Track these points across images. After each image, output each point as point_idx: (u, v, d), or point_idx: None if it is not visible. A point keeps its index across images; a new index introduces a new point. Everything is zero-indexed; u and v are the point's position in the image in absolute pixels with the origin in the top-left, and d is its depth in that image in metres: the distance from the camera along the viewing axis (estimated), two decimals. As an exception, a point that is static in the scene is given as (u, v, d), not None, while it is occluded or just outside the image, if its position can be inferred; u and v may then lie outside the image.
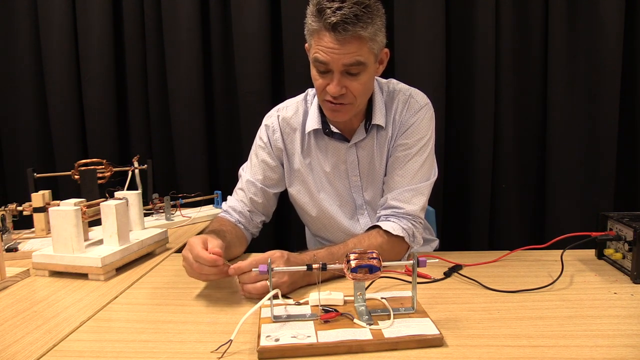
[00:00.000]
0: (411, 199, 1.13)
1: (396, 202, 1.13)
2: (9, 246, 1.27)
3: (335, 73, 1.03)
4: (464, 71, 1.87)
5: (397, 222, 1.10)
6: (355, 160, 1.21)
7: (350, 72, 1.03)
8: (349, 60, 1.01)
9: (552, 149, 1.84)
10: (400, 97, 1.19)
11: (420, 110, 1.18)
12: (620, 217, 1.00)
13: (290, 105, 1.27)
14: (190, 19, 1.93)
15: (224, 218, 1.22)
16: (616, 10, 1.72)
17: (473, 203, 1.91)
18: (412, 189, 1.14)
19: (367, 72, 1.06)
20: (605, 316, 0.79)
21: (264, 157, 1.25)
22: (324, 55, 1.02)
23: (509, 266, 1.05)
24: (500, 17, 1.80)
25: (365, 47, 1.01)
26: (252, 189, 1.24)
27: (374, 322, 0.75)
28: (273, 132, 1.25)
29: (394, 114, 1.19)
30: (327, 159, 1.22)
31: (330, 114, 1.13)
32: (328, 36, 1.00)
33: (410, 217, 1.12)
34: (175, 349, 0.72)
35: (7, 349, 0.73)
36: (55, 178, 1.87)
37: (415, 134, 1.16)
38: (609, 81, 1.76)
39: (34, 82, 2.07)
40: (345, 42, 0.99)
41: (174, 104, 2.00)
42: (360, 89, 1.06)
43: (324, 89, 1.07)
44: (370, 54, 1.04)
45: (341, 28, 0.97)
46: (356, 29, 0.98)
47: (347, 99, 1.07)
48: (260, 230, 1.29)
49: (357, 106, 1.11)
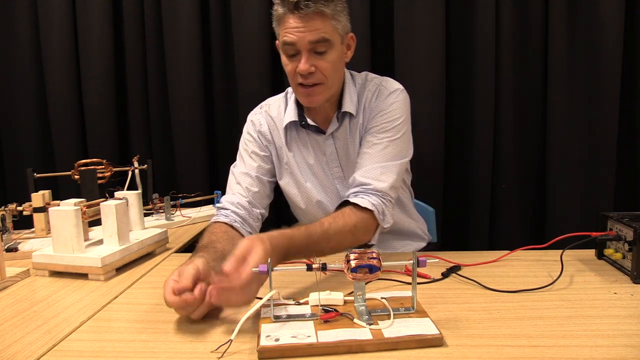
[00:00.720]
0: (379, 176, 1.11)
1: (364, 179, 1.11)
2: (9, 246, 1.27)
3: (303, 52, 1.08)
4: (464, 71, 1.87)
5: (366, 198, 1.08)
6: (334, 151, 1.24)
7: (317, 50, 1.08)
8: (314, 37, 1.06)
9: (552, 149, 1.84)
10: (370, 86, 1.22)
11: (389, 95, 1.19)
12: (620, 217, 1.00)
13: (272, 102, 1.32)
14: (190, 19, 1.93)
15: (216, 224, 1.13)
16: (616, 10, 1.72)
17: (473, 203, 1.91)
18: (381, 166, 1.13)
19: (334, 51, 1.10)
20: (605, 316, 0.79)
21: (254, 149, 1.26)
22: (290, 37, 1.07)
23: (509, 266, 1.05)
24: (500, 17, 1.80)
25: (329, 23, 1.07)
26: (248, 180, 1.23)
27: (374, 322, 0.75)
28: (260, 126, 1.28)
29: (365, 102, 1.21)
30: (309, 151, 1.25)
31: (304, 99, 1.16)
32: (292, 17, 1.06)
33: (380, 194, 1.10)
34: (175, 349, 0.72)
35: (7, 349, 0.73)
36: (55, 178, 1.87)
37: (385, 117, 1.17)
38: (609, 81, 1.76)
39: (34, 82, 2.07)
40: (308, 18, 1.05)
41: (174, 104, 2.00)
42: (329, 68, 1.10)
43: (295, 73, 1.11)
44: (334, 32, 1.09)
45: (303, 4, 1.03)
46: (317, 5, 1.04)
47: (317, 77, 1.11)
48: (260, 226, 1.24)
49: (329, 88, 1.14)
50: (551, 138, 1.83)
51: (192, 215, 1.64)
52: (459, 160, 1.91)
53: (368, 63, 1.84)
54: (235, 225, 1.14)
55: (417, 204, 1.58)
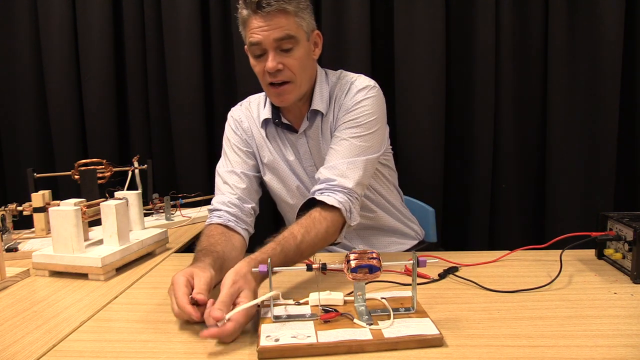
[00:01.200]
0: (345, 172, 1.09)
1: (330, 175, 1.09)
2: (9, 246, 1.27)
3: (269, 50, 1.09)
4: (464, 71, 1.87)
5: (333, 196, 1.06)
6: (307, 150, 1.24)
7: (283, 47, 1.09)
8: (278, 34, 1.07)
9: (552, 149, 1.84)
10: (342, 85, 1.22)
11: (359, 91, 1.18)
12: (620, 217, 1.00)
13: (253, 99, 1.33)
14: (190, 19, 1.93)
15: (212, 226, 1.13)
16: (616, 10, 1.72)
17: (473, 203, 1.91)
18: (346, 162, 1.11)
19: (300, 47, 1.11)
20: (605, 316, 0.79)
21: (237, 144, 1.27)
22: (256, 37, 1.08)
23: (509, 266, 1.05)
24: (500, 17, 1.80)
25: (292, 20, 1.08)
26: (234, 177, 1.22)
27: (374, 322, 0.75)
28: (240, 123, 1.29)
29: (335, 101, 1.21)
30: (287, 148, 1.26)
31: (275, 98, 1.17)
32: (256, 18, 1.08)
33: (346, 191, 1.07)
34: (175, 349, 0.72)
35: (7, 349, 0.73)
36: (55, 178, 1.87)
37: (353, 113, 1.16)
38: (609, 81, 1.76)
39: (34, 82, 2.07)
40: (271, 16, 1.06)
41: (174, 104, 2.00)
42: (296, 65, 1.11)
43: (264, 73, 1.12)
44: (299, 29, 1.10)
45: (264, 3, 1.05)
46: (279, 2, 1.05)
47: (285, 75, 1.11)
48: (254, 221, 1.23)
49: (299, 86, 1.15)
50: (551, 138, 1.83)
51: (192, 215, 1.64)
52: (459, 160, 1.91)
53: (368, 63, 1.84)
54: (230, 225, 1.13)
55: (417, 204, 1.58)
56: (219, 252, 1.00)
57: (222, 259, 1.00)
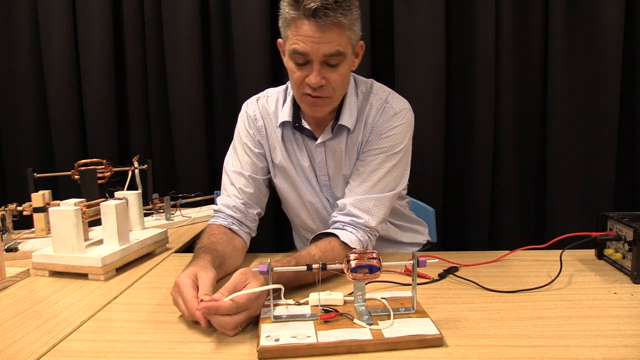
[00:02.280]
0: (372, 209, 1.09)
1: (356, 210, 1.09)
2: (9, 246, 1.27)
3: (315, 63, 1.01)
4: (464, 71, 1.87)
5: (355, 233, 1.06)
6: (323, 160, 1.19)
7: (329, 62, 1.02)
8: (329, 49, 0.99)
9: (552, 149, 1.84)
10: (374, 101, 1.16)
11: (395, 115, 1.14)
12: (620, 217, 1.00)
13: (271, 95, 1.25)
14: (190, 19, 1.93)
15: (214, 225, 1.13)
16: (616, 10, 1.72)
17: (473, 203, 1.91)
18: (374, 198, 1.10)
19: (346, 63, 1.04)
20: (605, 316, 0.79)
21: (248, 144, 1.22)
22: (303, 46, 0.99)
23: (509, 266, 1.05)
24: (500, 17, 1.80)
25: (345, 35, 1.00)
26: (241, 180, 1.19)
27: (374, 322, 0.75)
28: (255, 121, 1.22)
29: (366, 117, 1.15)
30: (302, 153, 1.20)
31: (309, 108, 1.10)
32: (307, 24, 0.98)
33: (368, 230, 1.08)
34: (175, 349, 0.72)
35: (7, 349, 0.73)
36: (55, 178, 1.87)
37: (387, 141, 1.13)
38: (609, 81, 1.76)
39: (34, 82, 2.07)
40: (325, 28, 0.97)
41: (174, 104, 2.00)
42: (339, 81, 1.05)
43: (302, 82, 1.05)
44: (348, 43, 1.02)
45: (322, 13, 0.95)
46: (336, 14, 0.96)
47: (325, 91, 1.05)
48: (257, 225, 1.23)
49: (335, 100, 1.10)
50: (551, 138, 1.83)
51: (192, 215, 1.64)
52: (459, 160, 1.91)
53: (368, 63, 1.84)
54: (233, 228, 1.14)
55: (417, 204, 1.58)
56: (219, 251, 1.01)
57: (221, 257, 1.00)
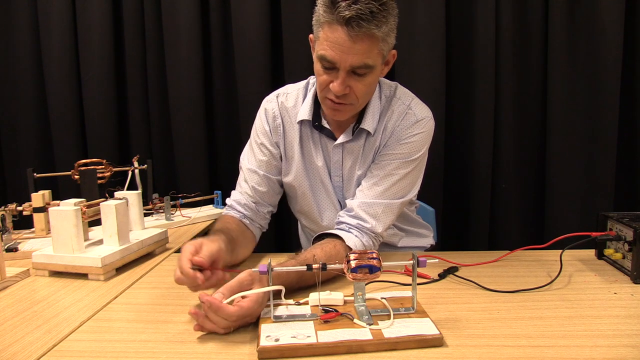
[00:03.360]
0: (380, 215, 1.08)
1: (363, 214, 1.08)
2: (9, 246, 1.27)
3: (341, 72, 0.99)
4: (464, 71, 1.87)
5: (360, 238, 1.06)
6: (340, 160, 1.18)
7: (356, 72, 1.00)
8: (357, 62, 0.97)
9: (552, 149, 1.84)
10: (397, 106, 1.15)
11: (416, 123, 1.12)
12: (620, 217, 1.00)
13: (291, 92, 1.23)
14: (190, 19, 1.93)
15: (228, 215, 1.18)
16: (616, 10, 1.72)
17: (473, 203, 1.91)
18: (384, 203, 1.09)
19: (373, 74, 1.02)
20: (605, 316, 0.79)
21: (264, 142, 1.21)
22: (331, 53, 0.97)
23: (509, 266, 1.05)
24: (500, 17, 1.80)
25: (376, 48, 0.97)
26: (255, 178, 1.20)
27: (374, 322, 0.75)
28: (274, 119, 1.21)
29: (387, 122, 1.14)
30: (318, 152, 1.20)
31: (330, 112, 1.09)
32: (340, 30, 0.95)
33: (373, 235, 1.08)
34: (175, 349, 0.72)
35: (7, 349, 0.73)
36: (55, 178, 1.87)
37: (405, 147, 1.12)
38: (609, 81, 1.76)
39: (34, 82, 2.07)
40: (357, 39, 0.94)
41: (174, 104, 2.00)
42: (363, 90, 1.03)
43: (327, 86, 1.03)
44: (379, 55, 1.00)
45: (355, 23, 0.92)
46: (370, 26, 0.93)
47: (349, 99, 1.04)
48: (268, 222, 1.25)
49: (357, 108, 1.09)
50: (551, 138, 1.83)
51: (192, 215, 1.64)
52: (459, 160, 1.91)
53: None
54: (245, 222, 1.18)
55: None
56: (233, 236, 1.04)
57: (234, 242, 1.03)
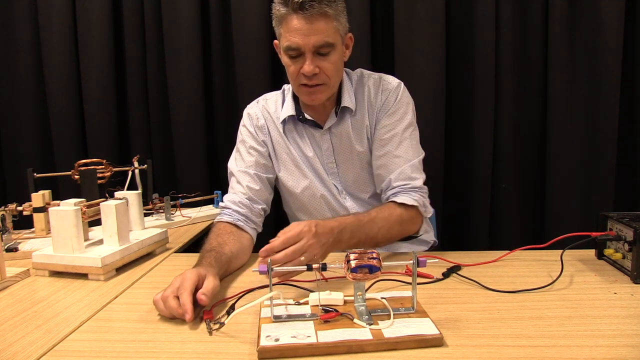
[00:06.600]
0: (412, 174, 1.19)
1: (400, 182, 1.18)
2: (9, 246, 1.27)
3: (307, 54, 1.10)
4: (464, 71, 1.87)
5: (407, 195, 1.15)
6: (330, 147, 1.26)
7: (320, 52, 1.11)
8: (318, 40, 1.08)
9: (552, 149, 1.83)
10: (369, 81, 1.25)
11: (394, 90, 1.23)
12: (620, 217, 1.00)
13: (270, 97, 1.34)
14: (190, 19, 1.93)
15: (221, 224, 1.16)
16: (616, 10, 1.72)
17: (473, 203, 1.91)
18: (410, 165, 1.19)
19: (336, 52, 1.13)
20: (605, 316, 0.79)
21: (252, 143, 1.28)
22: (294, 40, 1.08)
23: (509, 266, 1.05)
24: (501, 17, 1.80)
25: (332, 25, 1.09)
26: (247, 178, 1.25)
27: (374, 322, 0.75)
28: (257, 120, 1.30)
29: (367, 97, 1.24)
30: (306, 144, 1.28)
31: (307, 97, 1.18)
32: (296, 18, 1.07)
33: (417, 189, 1.18)
34: (175, 349, 0.72)
35: (7, 349, 0.73)
36: (55, 178, 1.87)
37: (396, 114, 1.22)
38: (609, 81, 1.76)
39: (34, 82, 2.07)
40: (313, 19, 1.06)
41: (174, 104, 2.00)
42: (332, 68, 1.13)
43: (298, 74, 1.14)
44: (336, 34, 1.12)
45: (308, 5, 1.05)
46: (322, 5, 1.06)
47: (320, 78, 1.13)
48: (263, 221, 1.26)
49: (331, 87, 1.18)
50: (551, 138, 1.83)
51: (192, 215, 1.64)
52: (459, 161, 1.91)
53: (368, 63, 1.84)
54: (239, 224, 1.18)
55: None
56: (227, 255, 1.04)
57: (228, 262, 1.03)
